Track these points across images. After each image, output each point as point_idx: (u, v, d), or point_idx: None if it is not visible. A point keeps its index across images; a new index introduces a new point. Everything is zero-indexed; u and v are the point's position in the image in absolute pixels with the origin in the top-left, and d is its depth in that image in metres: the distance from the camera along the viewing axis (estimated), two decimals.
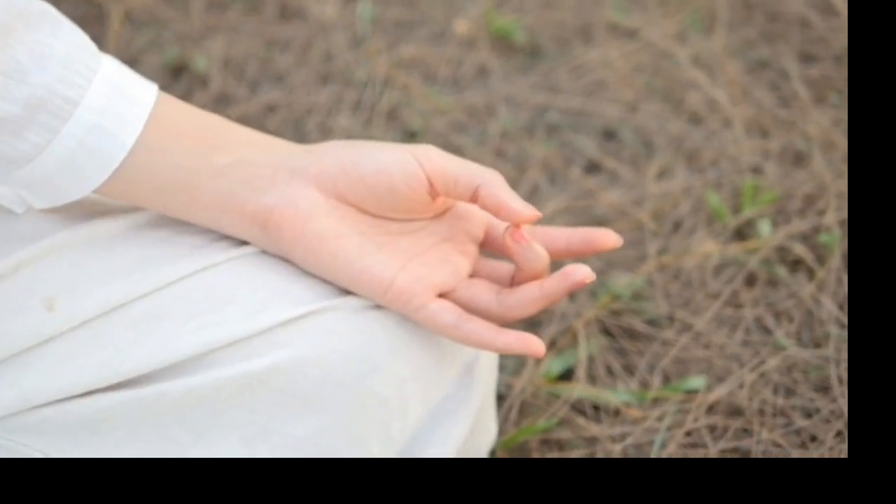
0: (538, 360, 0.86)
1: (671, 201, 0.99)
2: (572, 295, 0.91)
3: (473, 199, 0.65)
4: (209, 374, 0.63)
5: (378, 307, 0.66)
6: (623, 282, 0.91)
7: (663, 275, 0.92)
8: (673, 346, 0.87)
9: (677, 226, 0.98)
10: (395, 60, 1.12)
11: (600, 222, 0.97)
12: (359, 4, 1.18)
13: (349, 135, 1.04)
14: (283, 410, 0.63)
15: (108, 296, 0.63)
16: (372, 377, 0.65)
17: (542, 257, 0.65)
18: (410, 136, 1.06)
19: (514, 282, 0.67)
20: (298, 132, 1.05)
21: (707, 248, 0.94)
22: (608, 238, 0.67)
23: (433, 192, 0.65)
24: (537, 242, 0.68)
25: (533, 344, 0.64)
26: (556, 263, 0.74)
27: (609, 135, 1.07)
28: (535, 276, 0.66)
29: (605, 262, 0.94)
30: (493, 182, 0.64)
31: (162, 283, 0.64)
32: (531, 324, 0.89)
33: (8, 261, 0.64)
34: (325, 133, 1.05)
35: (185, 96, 1.09)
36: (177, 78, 1.11)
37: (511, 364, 0.87)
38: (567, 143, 1.05)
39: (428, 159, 0.65)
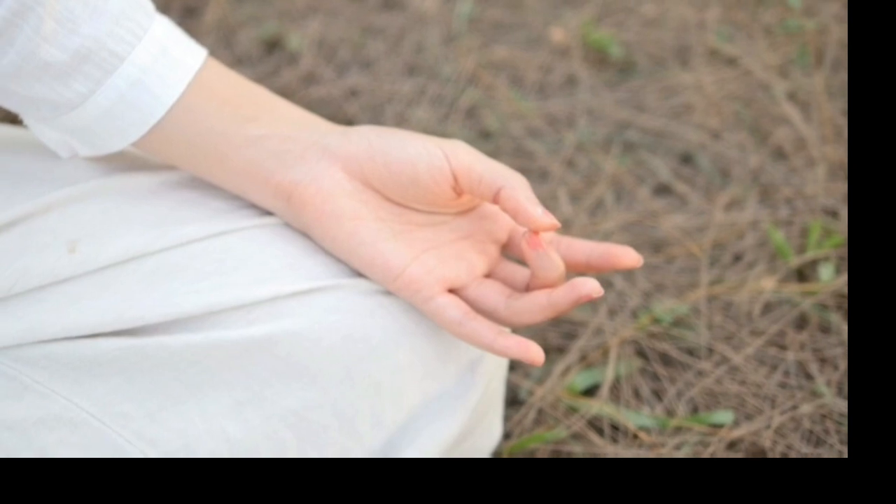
0: (564, 372, 0.86)
1: (736, 233, 0.98)
2: (612, 311, 0.91)
3: (495, 199, 0.65)
4: (210, 333, 0.65)
5: (388, 293, 0.67)
6: (666, 306, 0.90)
7: (711, 305, 0.91)
8: (707, 377, 0.86)
9: (737, 258, 0.96)
10: (485, 60, 1.13)
11: (659, 245, 0.96)
12: (459, 2, 1.20)
13: (424, 128, 1.05)
14: (277, 379, 0.65)
15: (129, 246, 0.66)
16: (369, 360, 0.66)
17: (557, 266, 0.66)
18: (485, 137, 1.07)
19: (527, 288, 0.68)
20: (376, 119, 1.07)
21: (763, 284, 0.92)
22: (628, 257, 0.67)
23: (458, 189, 0.66)
24: (558, 251, 0.69)
25: (532, 351, 0.64)
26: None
27: (686, 159, 1.06)
28: (549, 285, 0.66)
29: (654, 285, 0.93)
30: (515, 185, 0.65)
31: (181, 241, 0.67)
32: (566, 335, 0.90)
33: (42, 200, 0.67)
34: (401, 123, 1.06)
35: (274, 72, 1.12)
36: (270, 53, 1.14)
37: (537, 371, 0.87)
38: (641, 162, 1.05)
39: (455, 155, 0.66)
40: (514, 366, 0.87)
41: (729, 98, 1.11)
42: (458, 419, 0.70)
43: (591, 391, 0.86)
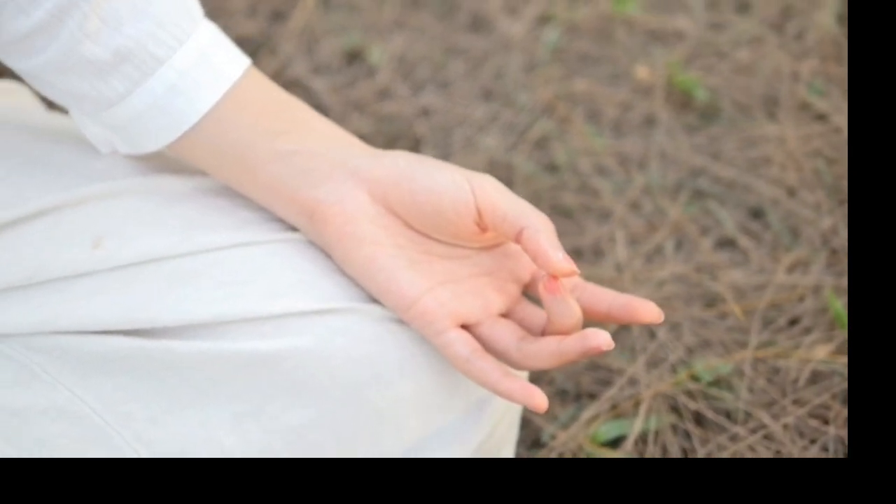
0: (592, 419, 0.85)
1: (797, 295, 0.95)
2: (652, 363, 0.89)
3: (517, 239, 0.65)
4: (219, 343, 0.66)
5: (400, 322, 0.67)
6: (709, 363, 0.89)
7: (756, 368, 0.89)
8: (740, 442, 0.84)
9: (793, 322, 0.94)
10: (564, 92, 1.13)
11: (713, 299, 0.95)
12: (547, 29, 1.19)
13: (491, 155, 1.05)
14: (279, 395, 0.66)
15: (152, 247, 0.67)
16: (373, 386, 0.66)
17: (574, 313, 0.65)
18: (551, 170, 1.06)
19: (543, 332, 0.67)
20: (444, 142, 1.08)
21: (815, 352, 0.90)
22: (649, 311, 0.66)
23: (481, 224, 0.66)
24: (581, 298, 0.68)
25: (536, 397, 0.64)
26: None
27: (756, 214, 1.04)
28: (564, 332, 0.66)
29: (700, 340, 0.91)
30: (539, 227, 0.65)
31: (204, 248, 0.68)
32: (600, 381, 0.88)
33: (76, 193, 0.69)
34: (468, 147, 1.06)
35: (350, 83, 1.13)
36: (350, 64, 1.16)
37: (564, 415, 0.86)
38: (709, 212, 1.03)
39: (482, 189, 0.66)
40: None
41: (811, 155, 1.08)
42: (458, 457, 0.69)
43: (616, 442, 0.85)
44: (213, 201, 0.71)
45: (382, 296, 0.67)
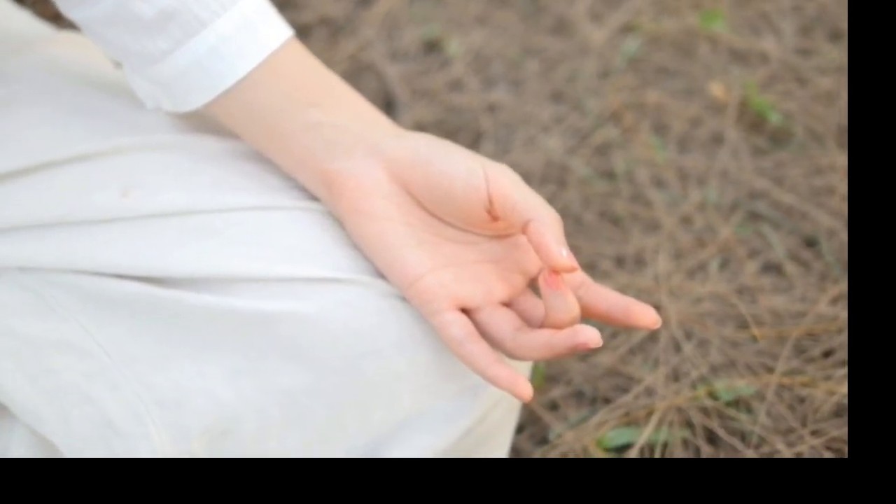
0: (602, 423, 0.86)
1: (836, 327, 0.95)
2: (675, 376, 0.90)
3: (524, 230, 0.67)
4: (227, 299, 0.69)
5: (404, 299, 0.70)
6: (729, 383, 0.89)
7: (780, 395, 0.89)
8: None
9: (827, 354, 0.94)
10: (634, 101, 1.14)
11: (745, 321, 0.95)
12: (629, 38, 1.20)
13: (549, 156, 1.07)
14: (277, 357, 0.69)
15: (177, 201, 0.71)
16: (371, 359, 0.69)
17: (570, 309, 0.66)
18: (607, 176, 1.07)
19: (541, 326, 0.69)
20: (505, 138, 1.10)
21: (844, 386, 0.90)
22: (647, 316, 0.67)
23: (492, 212, 0.68)
24: (585, 296, 0.69)
25: (521, 385, 0.65)
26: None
27: (809, 243, 1.03)
28: (560, 326, 0.67)
29: (727, 359, 0.92)
30: (546, 221, 0.66)
31: (227, 207, 0.71)
32: (617, 388, 0.89)
33: (116, 141, 0.73)
34: (529, 146, 1.08)
35: (423, 72, 1.16)
36: (427, 54, 1.19)
37: (575, 417, 0.87)
38: (761, 235, 1.03)
39: (496, 178, 0.68)
40: (555, 405, 0.88)
41: None
42: (445, 438, 0.71)
43: (622, 449, 0.86)
44: (243, 165, 0.74)
45: (387, 271, 0.69)
